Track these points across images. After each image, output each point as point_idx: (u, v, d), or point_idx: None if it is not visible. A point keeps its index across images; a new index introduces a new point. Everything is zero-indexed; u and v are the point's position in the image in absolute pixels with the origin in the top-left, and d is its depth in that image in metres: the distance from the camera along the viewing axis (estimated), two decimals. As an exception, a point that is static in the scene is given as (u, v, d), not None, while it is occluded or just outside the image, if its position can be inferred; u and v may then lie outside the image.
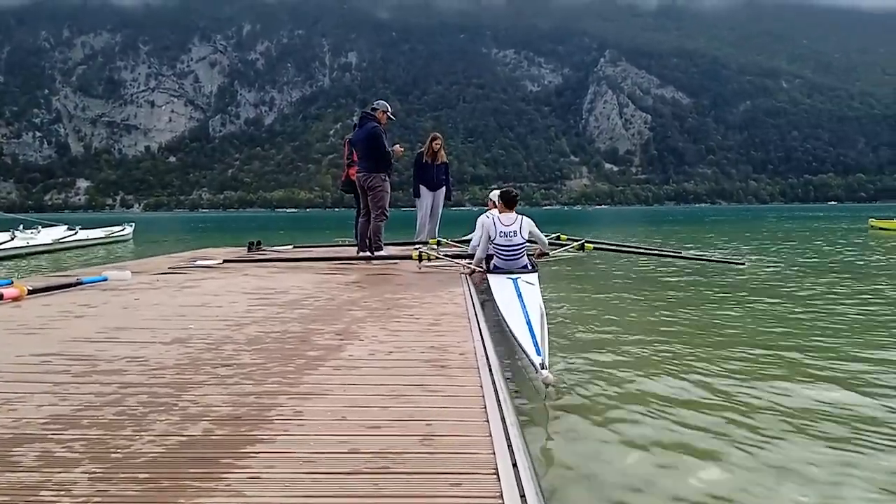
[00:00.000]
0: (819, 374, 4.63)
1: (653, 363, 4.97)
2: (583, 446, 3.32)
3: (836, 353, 5.25)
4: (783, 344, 5.64)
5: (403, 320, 4.62)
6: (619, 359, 5.13)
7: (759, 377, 4.54)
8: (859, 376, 4.55)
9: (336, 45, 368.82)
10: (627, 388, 4.31)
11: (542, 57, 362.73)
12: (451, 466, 2.00)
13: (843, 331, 6.27)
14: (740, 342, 5.71)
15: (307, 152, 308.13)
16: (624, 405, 3.95)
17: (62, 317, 4.74)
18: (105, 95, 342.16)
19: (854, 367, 4.82)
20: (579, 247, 9.50)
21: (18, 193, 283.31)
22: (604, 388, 4.29)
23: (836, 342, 5.74)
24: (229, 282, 6.98)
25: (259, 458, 2.05)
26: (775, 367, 4.85)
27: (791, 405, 3.93)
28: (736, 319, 6.95)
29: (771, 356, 5.16)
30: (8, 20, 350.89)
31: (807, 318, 7.02)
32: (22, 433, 2.27)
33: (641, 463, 3.13)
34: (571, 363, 4.92)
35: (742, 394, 4.14)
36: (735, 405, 3.93)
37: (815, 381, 4.47)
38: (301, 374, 3.09)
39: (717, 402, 4.01)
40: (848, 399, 4.05)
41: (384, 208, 9.28)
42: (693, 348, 5.49)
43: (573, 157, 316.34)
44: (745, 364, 4.92)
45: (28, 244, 19.22)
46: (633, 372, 4.68)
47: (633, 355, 5.25)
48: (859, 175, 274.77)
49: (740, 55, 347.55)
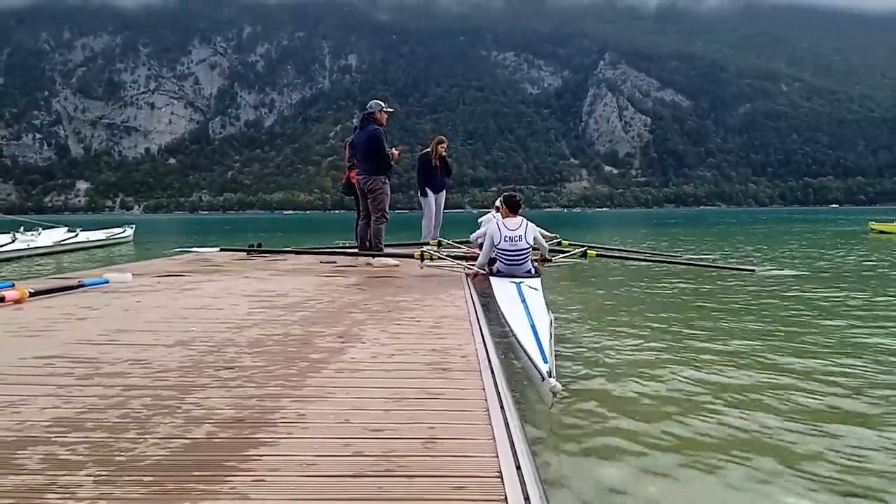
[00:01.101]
0: (835, 381, 4.54)
1: (658, 369, 4.94)
2: (586, 450, 3.33)
3: (854, 363, 5.09)
4: (798, 353, 5.49)
5: (405, 323, 4.61)
6: (624, 364, 5.11)
7: (771, 386, 4.45)
8: (880, 386, 4.46)
9: (336, 48, 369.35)
10: (632, 394, 4.30)
11: (541, 59, 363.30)
12: (454, 469, 2.00)
13: (859, 340, 6.10)
14: (751, 351, 5.56)
15: (307, 154, 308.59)
16: (628, 410, 3.95)
17: (64, 319, 4.73)
18: (105, 97, 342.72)
19: (873, 377, 4.70)
20: (581, 254, 9.44)
21: (18, 195, 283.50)
22: (608, 393, 4.29)
23: (853, 351, 5.56)
24: (230, 284, 6.98)
25: (263, 462, 2.05)
26: (789, 375, 4.75)
27: (807, 414, 3.88)
28: (747, 327, 6.75)
29: (784, 365, 5.03)
30: (8, 21, 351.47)
31: (821, 325, 6.84)
32: (26, 436, 2.27)
33: (645, 468, 3.13)
34: (575, 368, 4.92)
35: (753, 402, 4.10)
36: (745, 414, 3.89)
37: (830, 387, 4.41)
38: (303, 377, 3.09)
39: (726, 410, 3.96)
40: (866, 409, 4.00)
41: (384, 211, 9.28)
42: (700, 355, 5.44)
43: (573, 159, 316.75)
44: (755, 372, 4.84)
45: (29, 246, 19.22)
46: (637, 377, 4.66)
47: (638, 361, 5.22)
48: (859, 178, 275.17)
49: (740, 58, 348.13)
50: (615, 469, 3.11)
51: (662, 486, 2.95)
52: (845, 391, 4.33)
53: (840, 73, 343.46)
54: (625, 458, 3.24)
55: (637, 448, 3.35)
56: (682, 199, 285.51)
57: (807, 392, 4.30)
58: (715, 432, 3.56)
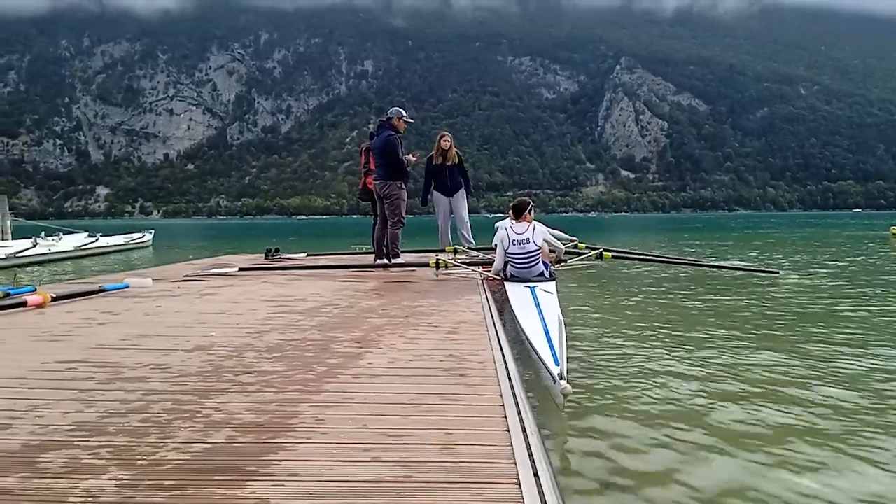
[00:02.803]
0: (865, 388, 4.46)
1: (677, 374, 4.90)
2: (603, 456, 3.31)
3: (881, 372, 4.99)
4: (822, 360, 5.37)
5: (422, 328, 4.63)
6: (641, 368, 5.08)
7: (793, 392, 4.36)
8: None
9: (352, 54, 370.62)
10: (649, 398, 4.28)
11: (557, 64, 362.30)
12: (472, 475, 2.00)
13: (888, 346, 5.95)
14: (773, 358, 5.40)
15: (324, 159, 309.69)
16: (645, 415, 3.93)
17: (86, 324, 4.80)
18: (125, 104, 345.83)
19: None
20: (597, 255, 9.40)
21: (39, 200, 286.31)
22: (625, 398, 4.27)
23: (880, 359, 5.39)
24: (248, 289, 7.03)
25: (282, 466, 2.07)
26: (817, 380, 4.69)
27: (831, 422, 3.83)
28: (769, 332, 6.59)
29: (811, 373, 4.93)
30: (29, 30, 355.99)
31: (848, 332, 6.65)
32: (49, 440, 2.30)
33: (663, 474, 3.11)
34: (592, 372, 4.90)
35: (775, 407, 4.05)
36: (767, 417, 3.85)
37: (858, 393, 4.35)
38: (322, 382, 3.11)
39: (745, 414, 3.92)
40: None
41: (401, 216, 9.30)
42: (717, 358, 5.40)
43: (589, 164, 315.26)
44: (778, 377, 4.77)
45: (50, 251, 19.47)
46: (654, 382, 4.64)
47: (656, 365, 5.18)
48: (879, 182, 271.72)
49: (757, 62, 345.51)
50: (633, 475, 3.09)
51: (681, 492, 2.92)
52: (871, 400, 4.26)
53: (858, 77, 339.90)
54: (642, 464, 3.23)
55: (654, 454, 3.33)
56: (699, 204, 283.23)
57: (830, 398, 4.25)
58: (735, 438, 3.53)
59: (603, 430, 3.66)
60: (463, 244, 10.88)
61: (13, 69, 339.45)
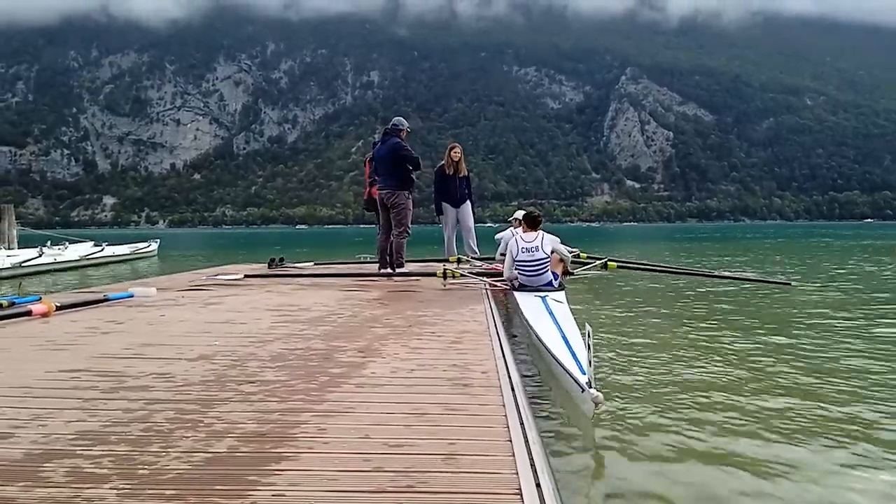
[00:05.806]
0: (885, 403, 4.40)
1: (683, 384, 4.88)
2: (606, 466, 3.30)
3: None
4: (837, 372, 5.29)
5: (425, 338, 4.62)
6: (647, 379, 5.06)
7: (803, 406, 4.32)
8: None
9: (358, 64, 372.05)
10: (657, 410, 4.25)
11: (563, 74, 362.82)
12: (474, 486, 1.99)
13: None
14: (791, 371, 5.32)
15: (329, 169, 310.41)
16: (652, 426, 3.92)
17: (90, 333, 4.80)
18: (132, 114, 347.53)
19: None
20: (601, 266, 9.40)
21: (46, 210, 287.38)
22: (631, 409, 4.24)
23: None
24: (252, 298, 7.03)
25: (284, 476, 2.07)
26: (832, 391, 4.64)
27: (851, 437, 3.76)
28: (784, 345, 6.47)
29: (825, 386, 4.86)
30: (37, 40, 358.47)
31: (864, 345, 6.49)
32: (52, 449, 2.30)
33: (668, 484, 3.10)
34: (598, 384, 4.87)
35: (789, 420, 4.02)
36: (782, 431, 3.81)
37: (881, 404, 4.31)
38: (324, 392, 3.10)
39: (756, 428, 3.88)
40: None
41: (406, 225, 9.31)
42: (729, 370, 5.35)
43: (594, 173, 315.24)
44: (792, 390, 4.74)
45: (55, 260, 19.52)
46: (662, 393, 4.63)
47: (663, 377, 5.16)
48: (885, 192, 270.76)
49: (762, 72, 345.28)
50: (638, 486, 3.08)
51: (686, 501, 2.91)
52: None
53: (864, 87, 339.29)
54: (647, 474, 3.21)
55: (659, 465, 3.32)
56: (705, 214, 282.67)
57: (855, 408, 4.23)
58: (740, 453, 3.51)
59: (607, 440, 3.64)
60: (468, 254, 10.96)
61: (21, 79, 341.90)
